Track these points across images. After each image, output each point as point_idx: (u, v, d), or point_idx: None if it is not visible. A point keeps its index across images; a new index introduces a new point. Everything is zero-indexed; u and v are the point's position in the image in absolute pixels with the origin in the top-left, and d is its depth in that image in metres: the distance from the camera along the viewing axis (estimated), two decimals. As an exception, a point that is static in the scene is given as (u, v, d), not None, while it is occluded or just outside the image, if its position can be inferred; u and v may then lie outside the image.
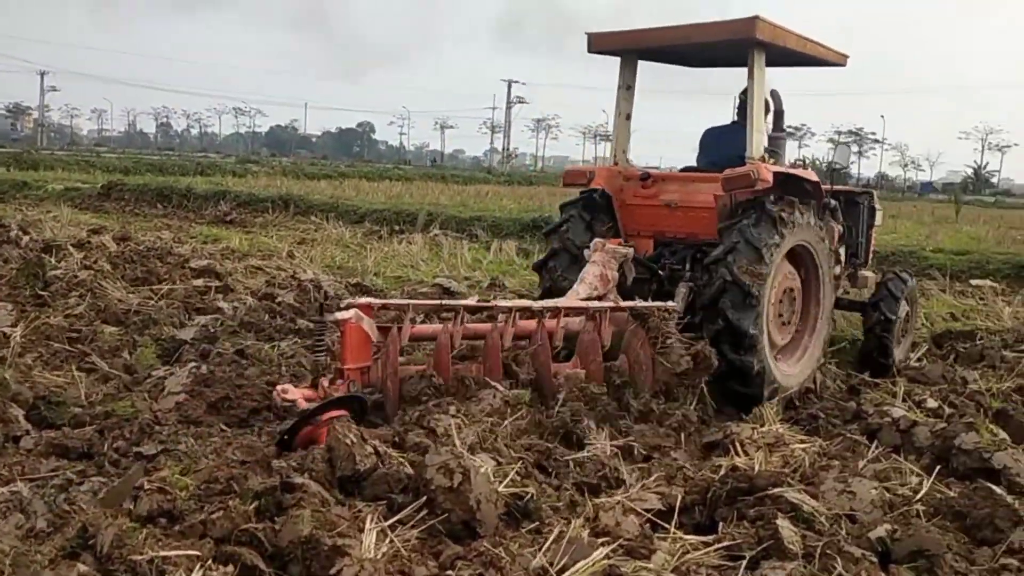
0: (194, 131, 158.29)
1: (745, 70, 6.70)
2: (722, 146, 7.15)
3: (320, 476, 3.87)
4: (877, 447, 4.90)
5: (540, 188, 43.12)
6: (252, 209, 21.19)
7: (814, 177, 6.82)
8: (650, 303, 6.08)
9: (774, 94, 7.55)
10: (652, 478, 4.34)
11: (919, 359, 7.45)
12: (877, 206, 8.34)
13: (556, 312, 5.75)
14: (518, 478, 4.13)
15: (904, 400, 5.86)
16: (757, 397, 5.99)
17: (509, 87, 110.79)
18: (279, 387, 5.07)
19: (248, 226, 18.02)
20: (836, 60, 7.49)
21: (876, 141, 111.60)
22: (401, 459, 4.17)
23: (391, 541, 3.48)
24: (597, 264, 6.52)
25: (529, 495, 3.97)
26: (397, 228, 17.77)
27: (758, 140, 6.61)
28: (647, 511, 3.94)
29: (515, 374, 5.51)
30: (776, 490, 3.90)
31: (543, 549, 3.41)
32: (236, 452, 4.28)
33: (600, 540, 3.54)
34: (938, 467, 4.50)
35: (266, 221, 19.08)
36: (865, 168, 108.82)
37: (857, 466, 4.50)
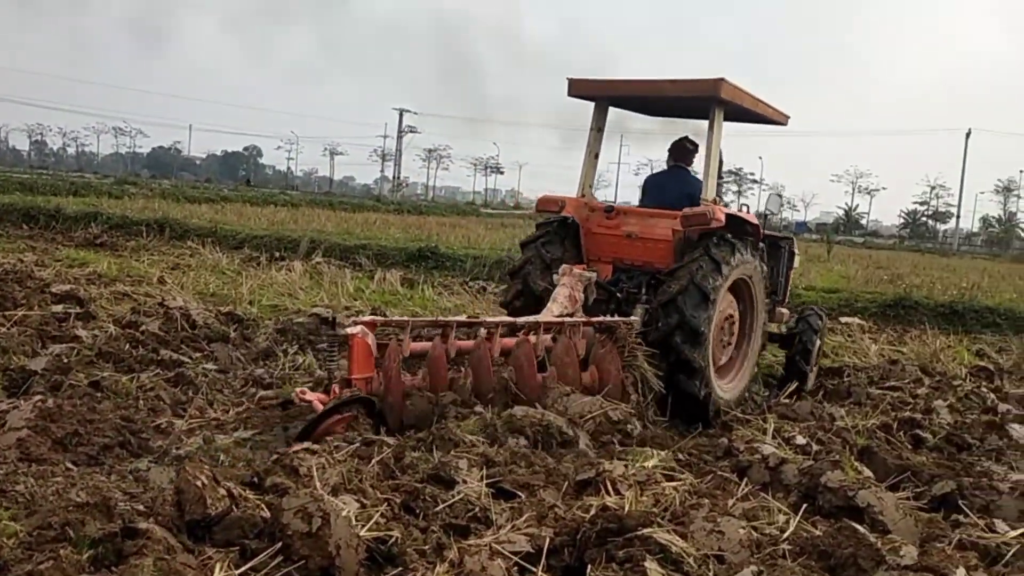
0: (71, 150, 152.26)
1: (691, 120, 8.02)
2: (664, 191, 8.24)
3: (167, 520, 3.61)
4: (747, 485, 4.91)
5: (430, 218, 43.03)
6: (125, 232, 20.31)
7: (755, 220, 7.84)
8: (615, 318, 7.11)
9: None
10: (523, 518, 4.23)
11: (789, 396, 7.58)
12: (795, 251, 9.32)
13: (536, 327, 6.61)
14: (383, 520, 3.96)
15: (774, 437, 5.92)
16: (704, 418, 6.94)
17: (401, 116, 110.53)
18: (298, 390, 5.71)
19: (119, 250, 17.24)
20: (780, 120, 8.61)
21: (755, 181, 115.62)
22: (258, 502, 3.95)
23: (242, 591, 3.26)
24: (566, 286, 7.40)
25: (393, 539, 3.80)
26: (278, 255, 17.34)
27: (712, 184, 7.60)
28: (515, 554, 3.82)
29: (503, 381, 6.17)
30: (645, 530, 3.83)
31: (403, 597, 3.25)
32: (80, 493, 3.99)
33: (464, 586, 3.40)
34: (804, 505, 4.53)
35: (139, 245, 18.29)
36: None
37: (727, 504, 4.48)
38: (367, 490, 4.26)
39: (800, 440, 5.98)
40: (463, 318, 6.76)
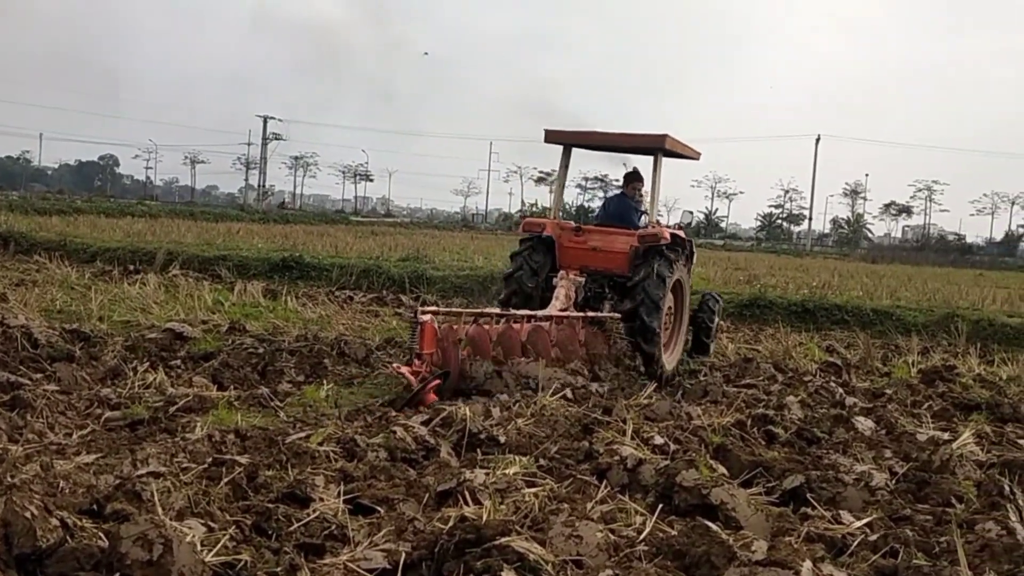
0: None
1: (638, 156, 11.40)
2: (618, 208, 11.25)
3: (-9, 557, 3.36)
4: (606, 487, 4.95)
5: (297, 227, 42.18)
6: (-36, 248, 19.13)
7: (684, 235, 10.68)
8: (606, 314, 9.79)
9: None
10: (381, 533, 4.14)
11: (648, 396, 7.71)
12: (694, 251, 11.68)
13: (549, 319, 9.04)
14: (232, 544, 3.80)
15: (633, 438, 5.99)
16: (654, 373, 9.41)
17: (265, 123, 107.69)
18: (394, 365, 7.98)
19: (-43, 267, 16.22)
20: (695, 156, 11.46)
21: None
22: (96, 531, 3.72)
23: (76, 627, 3.06)
24: (563, 287, 9.81)
25: (242, 563, 3.64)
26: (132, 268, 16.63)
27: (655, 210, 10.60)
28: (370, 571, 3.72)
29: (528, 352, 8.39)
30: (504, 539, 3.80)
31: (250, 624, 3.12)
32: None
33: (316, 609, 3.29)
34: (661, 505, 4.59)
35: (-20, 261, 17.26)
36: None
37: (585, 508, 4.50)
38: (215, 513, 4.09)
39: (658, 440, 6.07)
40: (497, 311, 8.91)
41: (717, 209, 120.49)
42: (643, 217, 10.86)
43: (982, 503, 4.96)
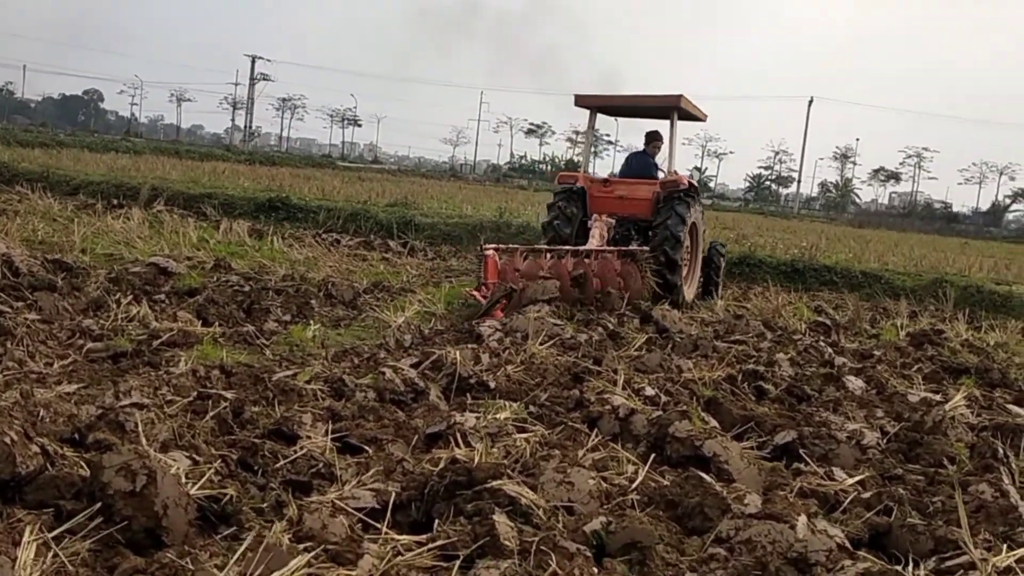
0: None
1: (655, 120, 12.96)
2: (640, 163, 12.50)
3: (-30, 481, 3.26)
4: (597, 435, 4.89)
5: (283, 169, 41.75)
6: (-56, 176, 18.77)
7: (696, 185, 12.05)
8: (637, 247, 11.19)
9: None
10: (369, 473, 4.06)
11: (638, 348, 7.64)
12: (702, 204, 12.87)
13: (591, 252, 10.51)
14: (217, 478, 3.71)
15: (624, 388, 5.93)
16: (676, 299, 10.94)
17: (253, 63, 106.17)
18: (467, 291, 9.89)
19: (-65, 195, 15.92)
20: (704, 117, 12.99)
21: (610, 143, 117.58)
22: (77, 460, 3.63)
23: (55, 555, 2.97)
24: (597, 228, 11.28)
25: (228, 497, 3.55)
26: (116, 202, 16.37)
27: (673, 163, 12.21)
28: (359, 510, 3.64)
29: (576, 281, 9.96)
30: (495, 483, 3.72)
31: (235, 558, 3.03)
32: None
33: (303, 545, 3.20)
34: (653, 455, 4.54)
35: (-42, 190, 16.94)
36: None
37: (577, 455, 4.44)
38: (200, 447, 4.00)
39: (649, 391, 6.01)
40: (546, 247, 10.56)
41: (707, 168, 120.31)
42: (660, 173, 12.35)
43: (975, 465, 4.92)
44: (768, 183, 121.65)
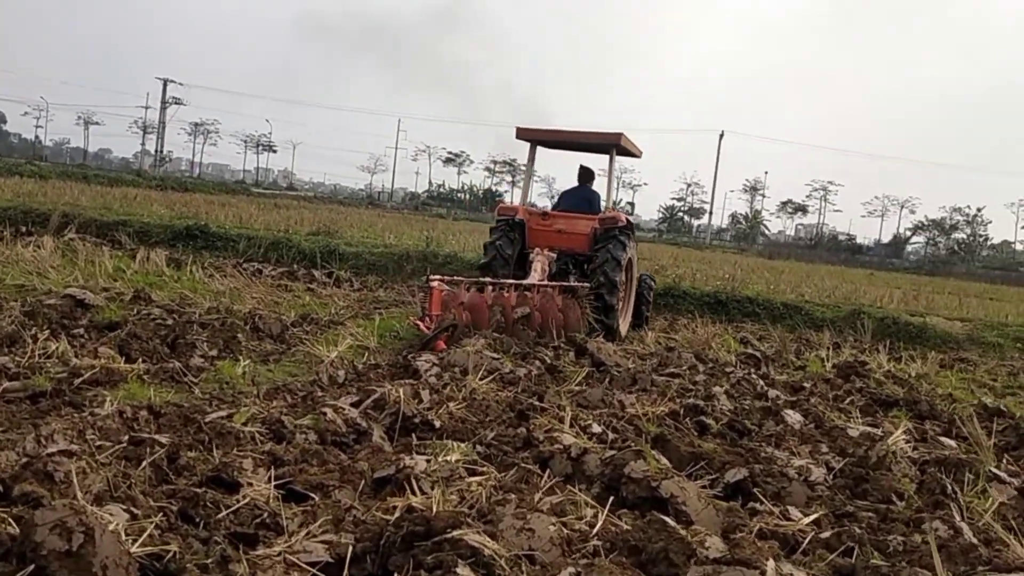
0: None
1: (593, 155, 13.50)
2: (574, 199, 12.74)
3: None
4: (550, 477, 4.77)
5: (196, 195, 40.82)
6: None
7: (632, 222, 12.32)
8: (578, 283, 11.16)
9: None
10: (317, 523, 3.85)
11: (578, 383, 7.56)
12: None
13: (533, 288, 10.41)
14: (158, 532, 3.46)
15: (572, 425, 5.82)
16: (612, 337, 10.88)
17: (165, 86, 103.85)
18: (414, 319, 9.48)
19: None
20: (639, 154, 13.38)
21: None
22: (4, 515, 3.34)
23: (-17, 626, 2.71)
24: (539, 262, 11.45)
25: (171, 554, 3.31)
26: (24, 230, 15.67)
27: (611, 197, 12.77)
28: (312, 565, 3.44)
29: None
30: (455, 532, 3.56)
31: (185, 624, 2.81)
32: None
33: (257, 606, 2.99)
34: (611, 497, 4.42)
35: None
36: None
37: (533, 499, 4.30)
38: (137, 498, 3.73)
39: (596, 428, 5.93)
40: (490, 280, 10.35)
41: (622, 199, 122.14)
42: (601, 204, 12.69)
43: (924, 501, 4.95)
44: (681, 214, 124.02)
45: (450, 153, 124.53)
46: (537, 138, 12.68)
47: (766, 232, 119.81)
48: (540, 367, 8.14)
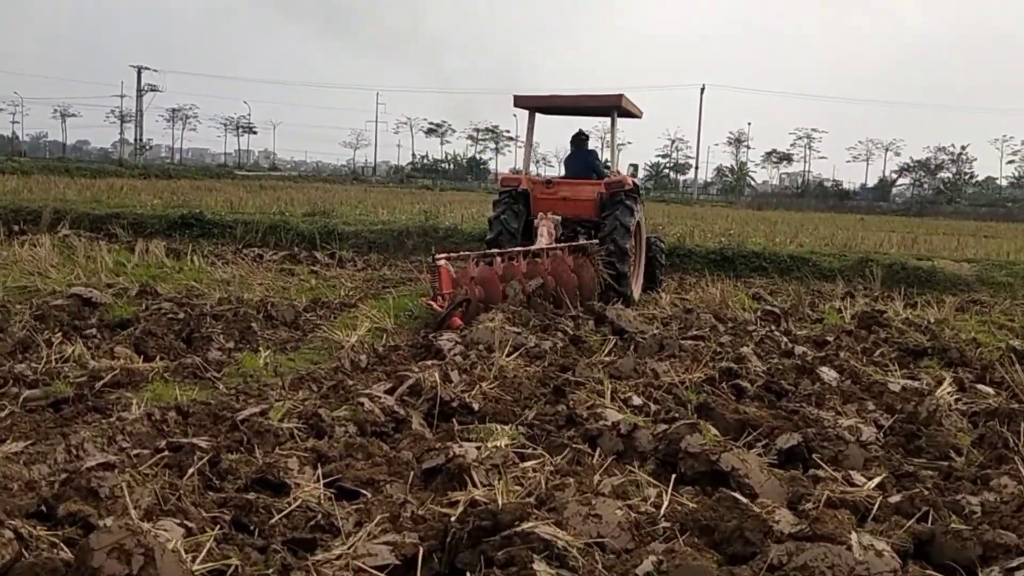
0: None
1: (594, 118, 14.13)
2: (576, 166, 12.61)
3: (-67, 584, 2.79)
4: (602, 455, 4.62)
5: (181, 182, 40.39)
6: None
7: (639, 185, 12.29)
8: (588, 241, 10.89)
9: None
10: (374, 522, 3.68)
11: (609, 352, 7.41)
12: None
13: (542, 251, 10.23)
14: (215, 545, 3.30)
15: (612, 400, 5.66)
16: (626, 303, 10.80)
17: (139, 73, 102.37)
18: (425, 299, 9.28)
19: None
20: (640, 115, 12.99)
21: (511, 139, 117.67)
22: (54, 539, 3.17)
23: (48, 661, 2.55)
24: (545, 226, 11.20)
25: (233, 567, 3.16)
26: (17, 229, 15.38)
27: (615, 162, 12.65)
28: (379, 569, 3.28)
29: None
30: (524, 525, 3.40)
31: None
32: None
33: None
34: (673, 475, 4.27)
35: None
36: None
37: (592, 482, 4.15)
38: (189, 510, 3.57)
39: (636, 400, 5.78)
40: (498, 251, 10.10)
41: (607, 159, 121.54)
42: (602, 163, 12.63)
43: (987, 457, 4.82)
44: (667, 171, 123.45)
45: (432, 124, 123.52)
46: (535, 105, 12.50)
47: (752, 183, 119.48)
48: (563, 339, 7.99)
